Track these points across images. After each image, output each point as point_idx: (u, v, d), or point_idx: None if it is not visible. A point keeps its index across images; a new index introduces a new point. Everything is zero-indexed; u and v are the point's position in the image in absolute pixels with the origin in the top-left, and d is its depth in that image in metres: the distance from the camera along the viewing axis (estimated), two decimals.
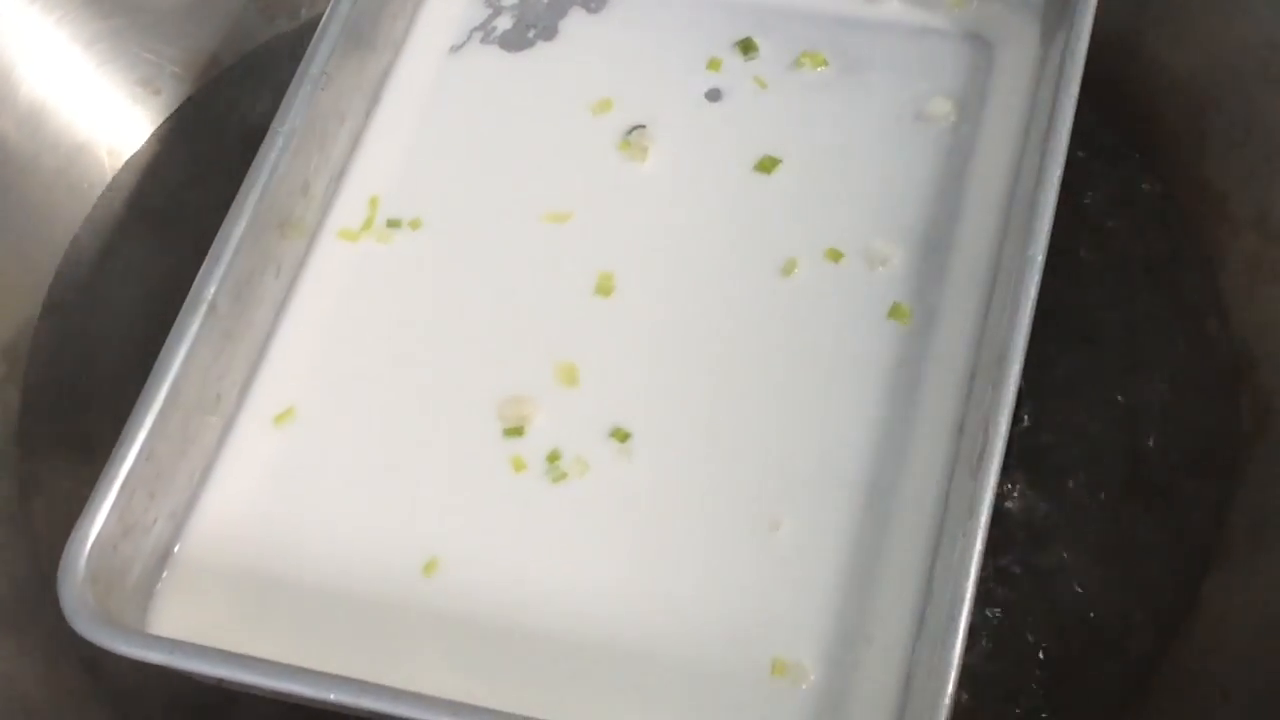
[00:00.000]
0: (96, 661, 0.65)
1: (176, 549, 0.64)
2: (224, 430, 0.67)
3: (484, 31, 0.78)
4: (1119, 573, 0.64)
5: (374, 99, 0.76)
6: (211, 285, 0.64)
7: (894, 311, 0.66)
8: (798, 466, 0.63)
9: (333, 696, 0.55)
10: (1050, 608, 0.64)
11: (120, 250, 0.78)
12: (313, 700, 0.56)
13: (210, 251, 0.65)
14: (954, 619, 0.55)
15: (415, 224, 0.71)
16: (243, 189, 0.67)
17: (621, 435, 0.65)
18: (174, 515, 0.64)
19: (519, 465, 0.65)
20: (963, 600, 0.55)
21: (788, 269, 0.68)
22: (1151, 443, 0.67)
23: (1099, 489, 0.66)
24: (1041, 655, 0.63)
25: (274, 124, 0.68)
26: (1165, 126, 0.74)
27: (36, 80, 0.78)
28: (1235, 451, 0.66)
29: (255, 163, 0.67)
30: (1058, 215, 0.62)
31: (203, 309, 0.64)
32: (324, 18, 0.72)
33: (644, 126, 0.73)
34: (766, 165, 0.71)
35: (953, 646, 0.54)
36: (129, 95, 0.81)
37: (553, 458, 0.64)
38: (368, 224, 0.72)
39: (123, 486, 0.61)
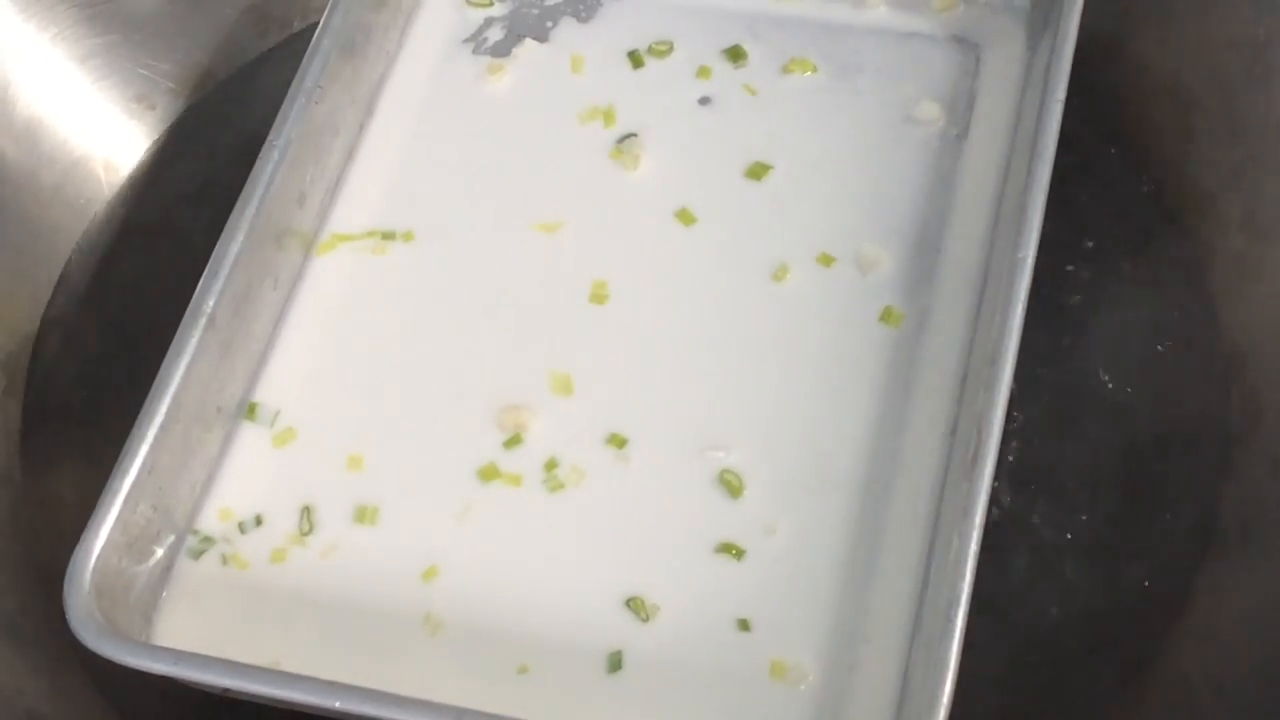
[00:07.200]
0: (103, 673, 0.65)
1: (180, 560, 0.65)
2: (224, 442, 0.67)
3: (475, 42, 0.78)
4: (1112, 570, 0.65)
5: (368, 110, 0.76)
6: (210, 298, 0.65)
7: (886, 315, 0.67)
8: (793, 470, 0.64)
9: (338, 704, 0.55)
10: (1043, 605, 0.64)
11: (118, 264, 0.78)
12: (318, 708, 0.56)
13: (208, 265, 0.65)
14: (950, 619, 0.55)
15: (409, 235, 0.72)
16: (239, 202, 0.67)
17: (618, 441, 0.65)
18: (177, 527, 0.65)
19: (516, 474, 0.65)
20: (959, 600, 0.55)
21: (780, 274, 0.68)
22: (1143, 441, 0.67)
23: (1091, 487, 0.66)
24: (1035, 653, 0.63)
25: (269, 137, 0.69)
26: (1152, 127, 0.74)
27: (32, 97, 0.78)
28: (1226, 448, 0.67)
29: (251, 176, 0.68)
30: (1046, 216, 0.63)
31: (202, 322, 0.64)
32: (317, 30, 0.72)
33: (635, 134, 0.73)
34: (757, 171, 0.71)
35: (949, 645, 0.55)
36: (124, 110, 0.81)
37: (550, 466, 0.65)
38: (364, 235, 0.72)
39: (126, 499, 0.61)
